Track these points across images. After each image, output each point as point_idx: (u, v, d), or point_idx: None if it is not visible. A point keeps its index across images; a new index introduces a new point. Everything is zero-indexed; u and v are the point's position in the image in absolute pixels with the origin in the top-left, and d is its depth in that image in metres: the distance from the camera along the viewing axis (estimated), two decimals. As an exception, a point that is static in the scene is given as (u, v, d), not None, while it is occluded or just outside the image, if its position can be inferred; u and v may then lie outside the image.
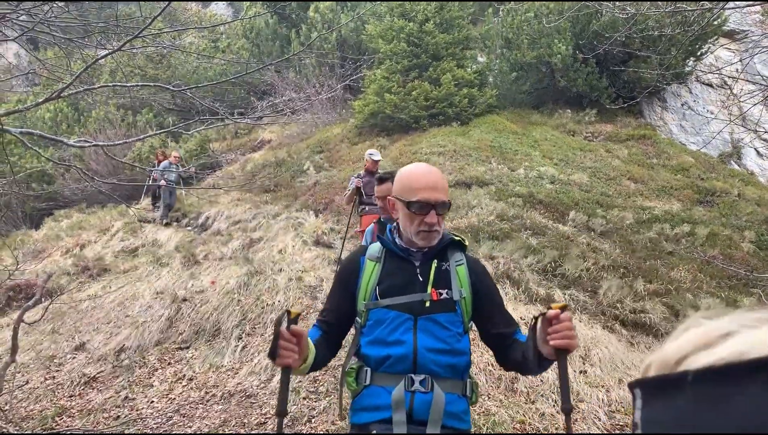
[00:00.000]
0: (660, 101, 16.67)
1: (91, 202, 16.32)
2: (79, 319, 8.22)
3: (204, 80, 17.70)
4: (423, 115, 15.08)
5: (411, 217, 2.07)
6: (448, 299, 2.12)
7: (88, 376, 6.43)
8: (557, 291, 7.25)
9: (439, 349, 2.07)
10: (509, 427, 4.66)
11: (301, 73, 19.89)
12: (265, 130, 19.53)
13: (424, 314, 2.08)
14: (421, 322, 2.07)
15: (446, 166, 12.17)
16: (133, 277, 9.52)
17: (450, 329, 2.11)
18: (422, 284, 2.12)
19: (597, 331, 6.38)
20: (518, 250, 8.20)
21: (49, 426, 5.43)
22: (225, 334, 6.83)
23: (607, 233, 9.32)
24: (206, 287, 7.98)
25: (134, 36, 4.52)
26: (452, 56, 16.02)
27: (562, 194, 10.76)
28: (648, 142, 14.76)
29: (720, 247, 9.16)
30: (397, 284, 2.12)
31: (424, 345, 2.05)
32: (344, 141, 15.91)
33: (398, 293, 2.10)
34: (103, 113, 18.02)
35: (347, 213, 11.14)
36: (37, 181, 16.98)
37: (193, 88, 5.90)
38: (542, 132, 14.89)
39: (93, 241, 12.47)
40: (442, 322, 2.10)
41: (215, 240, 10.65)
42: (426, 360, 2.05)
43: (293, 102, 17.24)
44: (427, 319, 2.08)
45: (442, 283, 2.14)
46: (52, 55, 15.66)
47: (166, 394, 5.89)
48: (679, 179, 12.56)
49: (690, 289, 7.41)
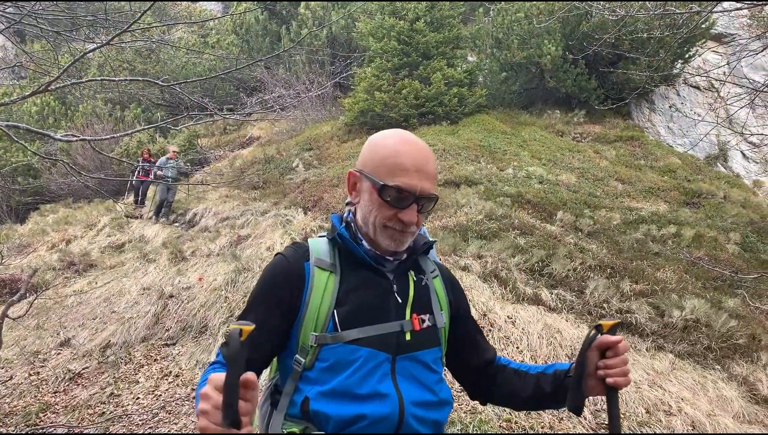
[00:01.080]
0: (648, 103, 16.79)
1: (77, 197, 16.20)
2: (64, 314, 8.16)
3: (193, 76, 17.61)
4: (413, 113, 15.09)
5: (381, 206, 1.47)
6: (431, 328, 1.54)
7: (73, 372, 6.38)
8: (544, 290, 7.28)
9: (427, 402, 1.48)
10: (495, 425, 4.68)
11: (291, 70, 19.83)
12: (254, 127, 19.46)
13: (404, 352, 1.47)
14: (401, 364, 1.47)
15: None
16: (120, 272, 9.46)
17: (436, 372, 1.54)
18: (400, 307, 1.51)
19: (583, 330, 6.42)
20: (506, 250, 8.23)
21: (33, 422, 5.39)
22: (212, 330, 6.81)
23: (595, 233, 9.38)
24: (193, 284, 7.95)
25: (123, 30, 4.49)
26: (442, 55, 16.03)
27: (551, 194, 10.81)
28: (636, 144, 14.86)
29: (706, 248, 9.24)
30: (366, 306, 1.47)
31: (411, 398, 1.44)
32: (334, 139, 15.88)
33: (368, 321, 1.45)
34: (90, 108, 17.89)
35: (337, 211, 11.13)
36: (23, 175, 16.84)
37: (182, 83, 5.88)
38: (531, 132, 14.94)
39: (79, 236, 12.39)
40: (427, 362, 1.52)
41: (203, 236, 10.61)
42: (413, 420, 1.44)
43: (283, 99, 17.20)
44: (408, 358, 1.48)
45: (423, 306, 1.56)
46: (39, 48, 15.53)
47: (152, 390, 5.86)
48: (666, 181, 12.65)
49: (675, 289, 7.47)
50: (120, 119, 17.83)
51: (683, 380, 5.70)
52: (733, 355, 6.32)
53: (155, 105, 20.08)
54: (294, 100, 17.21)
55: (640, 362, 5.99)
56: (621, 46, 13.38)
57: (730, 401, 5.45)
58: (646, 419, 4.87)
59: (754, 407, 5.52)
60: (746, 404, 5.51)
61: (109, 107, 18.47)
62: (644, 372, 5.73)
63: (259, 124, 19.27)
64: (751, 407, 5.50)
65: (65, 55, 12.41)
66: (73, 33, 5.77)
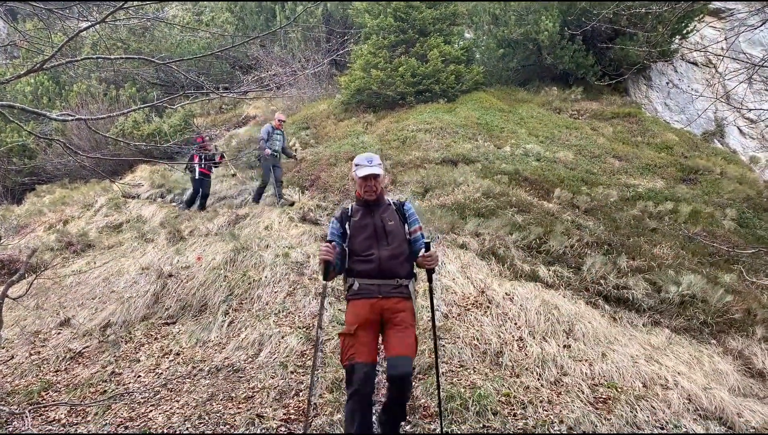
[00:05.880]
0: (645, 79, 16.72)
1: (73, 177, 16.12)
2: (63, 294, 8.18)
3: (188, 54, 17.43)
4: (410, 91, 15.01)
5: None
6: None
7: (73, 352, 6.42)
8: (542, 267, 7.32)
9: None
10: (494, 399, 4.74)
11: (286, 48, 19.65)
12: (249, 106, 19.33)
13: None
14: None
15: (433, 144, 12.15)
16: (118, 252, 9.47)
17: None
18: None
19: (580, 306, 6.47)
20: (504, 227, 8.25)
21: (35, 401, 5.43)
22: (212, 309, 6.84)
23: (592, 210, 9.40)
24: (192, 263, 7.96)
25: (117, 8, 4.45)
26: (439, 32, 15.90)
27: (548, 172, 10.81)
28: (633, 120, 14.83)
29: (702, 224, 9.28)
30: None
31: None
32: (330, 117, 15.80)
33: None
34: (85, 87, 17.69)
35: (334, 189, 11.12)
36: (18, 155, 16.73)
37: (177, 61, 5.84)
38: (528, 109, 14.89)
39: (76, 216, 12.36)
40: None
41: (201, 216, 10.60)
42: None
43: (279, 77, 17.07)
44: None
45: None
46: (31, 27, 15.35)
47: (153, 368, 5.90)
48: (663, 157, 12.65)
49: (672, 265, 7.52)
50: (115, 99, 17.64)
51: (679, 355, 5.76)
52: (728, 330, 6.38)
53: (150, 84, 19.88)
54: (290, 78, 17.09)
55: (637, 337, 6.05)
56: (619, 21, 13.26)
57: (726, 375, 5.51)
58: (643, 393, 4.93)
59: (749, 380, 5.59)
60: (741, 378, 5.58)
61: (103, 87, 18.26)
62: (641, 347, 5.79)
63: (255, 103, 19.14)
64: (746, 380, 5.57)
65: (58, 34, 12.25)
66: (66, 11, 5.69)
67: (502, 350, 5.57)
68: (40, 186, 16.04)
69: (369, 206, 3.96)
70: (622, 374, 5.23)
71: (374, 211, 3.95)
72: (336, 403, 4.75)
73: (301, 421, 4.61)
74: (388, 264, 3.80)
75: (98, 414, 5.09)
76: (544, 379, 5.17)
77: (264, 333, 6.07)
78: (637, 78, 16.65)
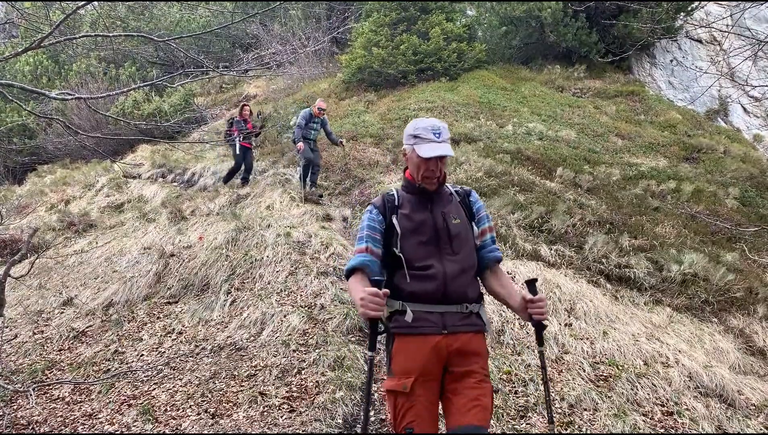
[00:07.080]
0: (649, 57, 16.57)
1: (74, 157, 16.07)
2: (66, 274, 8.19)
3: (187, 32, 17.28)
4: (411, 70, 14.89)
5: None
6: None
7: (76, 331, 6.44)
8: (543, 246, 7.31)
9: None
10: (496, 377, 4.76)
11: (286, 26, 19.46)
12: (250, 85, 19.21)
13: None
14: None
15: (434, 122, 12.05)
16: (120, 232, 9.47)
17: None
18: None
19: (582, 285, 6.48)
20: (506, 206, 8.23)
21: (39, 379, 5.47)
22: (214, 288, 6.85)
23: (594, 189, 9.37)
24: (194, 242, 7.96)
25: (116, -16, 4.38)
26: (441, 9, 15.74)
27: (550, 150, 10.76)
28: (636, 99, 14.72)
29: (705, 202, 9.25)
30: None
31: None
32: (331, 96, 15.70)
33: None
34: (84, 66, 17.58)
35: (335, 169, 11.07)
36: (18, 135, 16.67)
37: (176, 39, 5.78)
38: (531, 88, 14.79)
39: (78, 196, 12.35)
40: None
41: (202, 196, 10.58)
42: None
43: (279, 55, 16.93)
44: None
45: None
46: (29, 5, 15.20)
47: (155, 347, 5.93)
48: (666, 136, 12.58)
49: (674, 244, 7.51)
50: (115, 78, 17.52)
51: (681, 333, 5.77)
52: (730, 308, 6.39)
53: (150, 63, 19.75)
54: (290, 56, 16.94)
55: (638, 316, 6.06)
56: (623, -3, 13.13)
57: (726, 353, 5.53)
58: (644, 371, 4.95)
59: (749, 358, 5.61)
60: (742, 356, 5.60)
61: (103, 66, 18.14)
62: (642, 325, 5.81)
63: (255, 83, 19.02)
64: (747, 358, 5.59)
65: (56, 11, 12.16)
66: (64, -12, 5.64)
67: (503, 328, 5.58)
68: (41, 166, 16.00)
69: (426, 195, 2.68)
70: (623, 352, 5.24)
71: (432, 204, 2.67)
72: (338, 381, 4.77)
73: (304, 399, 4.64)
74: (456, 283, 2.56)
75: (102, 392, 5.13)
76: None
77: (266, 312, 6.09)
78: (640, 56, 16.49)
